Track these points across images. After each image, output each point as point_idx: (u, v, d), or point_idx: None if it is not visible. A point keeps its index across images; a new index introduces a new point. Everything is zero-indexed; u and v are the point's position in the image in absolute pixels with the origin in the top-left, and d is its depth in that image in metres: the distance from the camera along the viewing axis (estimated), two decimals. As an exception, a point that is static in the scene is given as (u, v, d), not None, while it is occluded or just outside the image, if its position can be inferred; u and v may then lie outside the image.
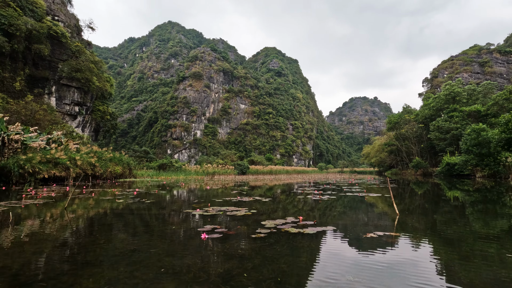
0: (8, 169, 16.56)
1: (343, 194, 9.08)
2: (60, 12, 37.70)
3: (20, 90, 30.01)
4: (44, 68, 33.00)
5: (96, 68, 38.24)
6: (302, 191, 10.45)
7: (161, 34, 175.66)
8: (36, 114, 27.78)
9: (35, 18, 31.99)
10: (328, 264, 2.30)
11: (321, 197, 7.85)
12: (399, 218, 4.51)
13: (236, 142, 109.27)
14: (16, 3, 30.13)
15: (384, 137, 63.93)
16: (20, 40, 28.73)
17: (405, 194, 9.92)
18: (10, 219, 4.15)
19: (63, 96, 34.43)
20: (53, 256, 2.49)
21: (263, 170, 49.44)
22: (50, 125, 28.15)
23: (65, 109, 34.88)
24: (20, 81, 29.51)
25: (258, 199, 7.39)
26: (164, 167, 35.62)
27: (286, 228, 3.56)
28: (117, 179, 24.51)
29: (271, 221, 4.05)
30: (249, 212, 4.94)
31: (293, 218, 4.28)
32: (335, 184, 15.22)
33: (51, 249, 2.70)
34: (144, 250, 2.65)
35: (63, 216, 4.70)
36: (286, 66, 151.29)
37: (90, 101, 38.28)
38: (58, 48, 33.97)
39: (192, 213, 4.88)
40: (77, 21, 42.99)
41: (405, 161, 48.67)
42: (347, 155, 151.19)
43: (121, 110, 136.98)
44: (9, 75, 28.77)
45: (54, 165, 19.11)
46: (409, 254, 2.60)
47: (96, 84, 36.92)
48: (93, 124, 40.63)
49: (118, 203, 6.62)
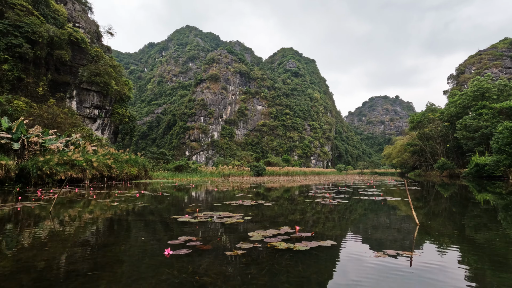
0: (28, 170, 16.95)
1: (357, 197, 8.25)
2: (81, 19, 38.97)
3: (43, 94, 31.12)
4: (65, 73, 34.11)
5: (114, 72, 39.15)
6: (313, 194, 9.70)
7: (180, 38, 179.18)
8: (58, 118, 28.57)
9: (57, 25, 33.16)
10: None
11: (331, 201, 7.09)
12: (419, 229, 3.74)
13: (253, 144, 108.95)
14: (39, 12, 31.34)
15: (406, 137, 61.16)
16: (43, 47, 29.81)
17: (429, 197, 8.99)
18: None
19: (83, 99, 35.45)
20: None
21: (279, 172, 48.63)
22: (71, 128, 28.91)
23: (85, 113, 35.88)
24: (43, 86, 30.60)
25: (261, 203, 6.76)
26: (181, 168, 35.81)
27: (274, 242, 2.92)
28: (132, 180, 24.71)
29: (261, 231, 3.41)
30: (241, 219, 4.33)
31: (289, 228, 3.62)
32: (352, 186, 14.26)
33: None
34: (82, 274, 2.11)
35: (36, 222, 4.32)
36: (303, 66, 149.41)
37: (109, 104, 39.22)
38: (79, 53, 35.03)
39: (178, 219, 4.34)
40: (97, 27, 44.32)
41: (429, 162, 46.10)
42: (367, 156, 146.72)
43: (142, 113, 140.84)
44: (33, 80, 29.90)
45: (71, 167, 19.40)
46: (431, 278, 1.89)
47: (115, 87, 37.75)
48: (112, 126, 41.61)
49: (109, 207, 6.23)
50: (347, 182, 19.59)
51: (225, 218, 4.34)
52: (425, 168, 47.64)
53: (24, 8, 29.06)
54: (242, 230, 3.58)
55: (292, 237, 3.16)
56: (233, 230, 3.55)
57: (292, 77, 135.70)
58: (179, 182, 22.57)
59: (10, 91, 27.84)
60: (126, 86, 43.75)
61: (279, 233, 3.36)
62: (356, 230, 3.71)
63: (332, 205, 6.48)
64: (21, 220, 4.46)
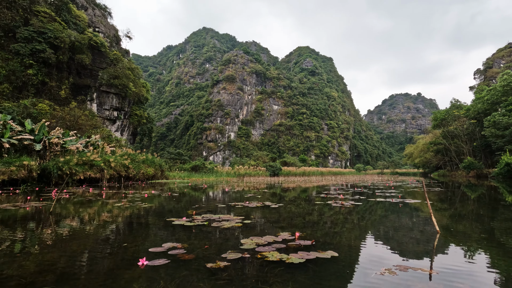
0: (49, 170, 17.52)
1: (372, 199, 7.70)
2: (101, 24, 40.20)
3: (65, 97, 32.30)
4: (86, 76, 35.29)
5: (132, 75, 40.08)
6: (326, 195, 9.21)
7: (196, 40, 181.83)
8: (79, 120, 29.49)
9: (78, 30, 34.35)
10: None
11: (343, 203, 6.61)
12: (441, 237, 3.25)
13: (269, 144, 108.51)
14: (61, 18, 32.58)
15: (429, 136, 58.52)
16: (65, 51, 30.95)
17: (455, 198, 8.30)
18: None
19: (103, 102, 36.52)
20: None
21: (295, 172, 47.96)
22: (91, 129, 29.80)
23: (105, 114, 36.94)
24: (65, 89, 31.77)
25: (268, 204, 6.41)
26: (197, 168, 36.15)
27: (267, 252, 2.56)
28: (149, 180, 25.07)
29: (257, 238, 3.07)
30: (240, 223, 4.00)
31: (289, 235, 3.25)
32: (369, 187, 13.58)
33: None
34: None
35: (34, 222, 4.20)
36: (320, 64, 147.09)
37: (127, 106, 40.20)
38: (98, 57, 36.14)
39: (173, 222, 4.08)
40: (116, 31, 45.60)
41: (454, 162, 43.76)
42: (388, 156, 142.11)
43: (160, 114, 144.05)
44: (56, 84, 31.11)
45: (90, 167, 19.87)
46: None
47: (133, 89, 38.62)
48: (131, 127, 42.63)
49: (111, 207, 6.10)
50: (365, 183, 18.79)
51: (223, 222, 4.03)
52: (450, 168, 45.28)
53: (47, 15, 30.28)
54: (237, 236, 3.25)
55: (289, 245, 2.79)
56: (226, 236, 3.24)
57: (309, 76, 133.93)
58: (194, 182, 22.61)
59: (35, 95, 29.08)
60: (144, 88, 44.68)
61: (276, 240, 3.00)
62: (364, 239, 3.28)
63: (344, 207, 6.02)
64: (19, 220, 4.38)
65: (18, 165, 16.16)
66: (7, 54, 27.07)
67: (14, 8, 28.02)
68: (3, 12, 26.88)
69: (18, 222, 4.24)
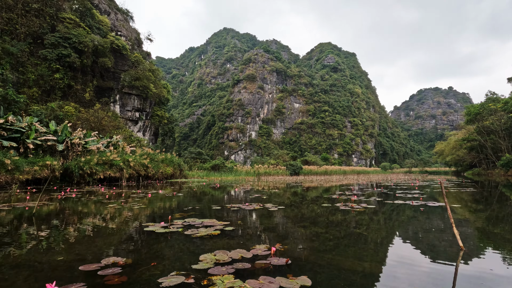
0: (71, 170, 18.08)
1: (390, 202, 6.84)
2: (123, 27, 41.44)
3: (89, 100, 33.55)
4: (109, 79, 36.48)
5: (153, 76, 40.91)
6: (338, 196, 8.43)
7: (217, 41, 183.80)
8: (102, 121, 30.47)
9: (101, 34, 35.56)
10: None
11: (353, 205, 5.85)
12: (464, 257, 2.51)
13: (290, 142, 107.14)
14: (85, 23, 33.87)
15: (462, 132, 54.62)
16: (88, 55, 32.14)
17: (491, 199, 7.23)
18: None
19: (125, 103, 37.58)
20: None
21: (316, 171, 46.67)
22: (114, 130, 30.70)
23: (127, 115, 38.00)
24: (89, 92, 33.00)
25: (268, 207, 5.81)
26: (217, 168, 36.34)
27: (221, 274, 1.99)
28: (168, 179, 25.31)
29: (222, 252, 2.50)
30: (219, 230, 3.46)
31: (265, 248, 2.65)
32: (391, 187, 12.50)
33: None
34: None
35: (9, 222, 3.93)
36: (343, 60, 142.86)
37: (149, 107, 41.12)
38: (120, 60, 37.23)
39: (145, 228, 3.62)
40: (138, 34, 46.87)
41: (490, 159, 40.33)
42: (416, 154, 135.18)
43: (183, 115, 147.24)
44: (81, 87, 32.41)
45: (110, 167, 20.27)
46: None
47: (153, 90, 39.41)
48: (152, 128, 43.59)
49: (99, 209, 5.80)
50: (388, 182, 17.55)
51: (201, 229, 3.51)
52: (486, 166, 41.81)
53: (72, 21, 31.58)
54: (202, 248, 2.71)
55: (256, 265, 2.20)
56: (190, 249, 2.70)
57: (331, 73, 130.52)
58: (212, 181, 22.51)
59: (61, 98, 30.41)
60: (165, 89, 45.51)
61: (244, 256, 2.42)
62: (359, 257, 2.58)
63: (354, 210, 5.29)
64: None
65: (42, 165, 16.73)
66: (36, 60, 28.54)
67: (42, 16, 29.48)
68: (31, 20, 28.36)
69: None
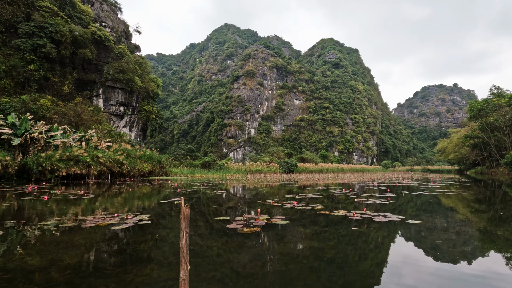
0: (29, 166, 16.58)
1: (326, 212, 5.12)
2: (108, 18, 39.82)
3: (69, 93, 32.05)
4: (91, 71, 34.97)
5: (139, 69, 39.30)
6: (272, 202, 6.73)
7: (218, 37, 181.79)
8: (82, 115, 28.95)
9: (82, 25, 34.00)
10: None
11: (256, 222, 4.15)
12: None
13: (290, 140, 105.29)
14: (65, 13, 32.32)
15: (465, 129, 52.41)
16: (67, 46, 30.59)
17: (494, 199, 5.89)
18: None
19: (109, 97, 36.06)
20: None
21: (312, 169, 44.90)
22: (95, 125, 29.21)
23: (111, 110, 36.49)
24: (68, 85, 31.49)
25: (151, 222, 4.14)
26: (208, 165, 35.10)
27: None
28: (145, 177, 23.86)
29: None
30: None
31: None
32: (369, 188, 10.78)
33: None
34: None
35: None
36: (345, 56, 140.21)
37: (135, 102, 39.56)
38: (104, 52, 35.67)
39: None
40: (126, 27, 45.24)
41: (494, 157, 38.22)
42: (419, 152, 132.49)
43: (183, 112, 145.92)
44: (59, 79, 30.90)
45: (76, 163, 18.73)
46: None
47: (139, 84, 37.81)
48: (140, 123, 42.08)
49: (33, 210, 4.18)
50: (375, 181, 15.81)
51: None
52: (490, 164, 39.70)
53: (50, 10, 30.03)
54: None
55: None
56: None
57: (332, 69, 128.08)
58: (194, 179, 21.15)
59: (38, 91, 28.94)
60: (154, 83, 43.91)
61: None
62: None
63: (257, 230, 3.61)
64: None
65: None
66: (9, 50, 27.07)
67: (16, 4, 27.97)
68: (4, 8, 26.84)
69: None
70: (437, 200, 6.38)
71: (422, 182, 14.60)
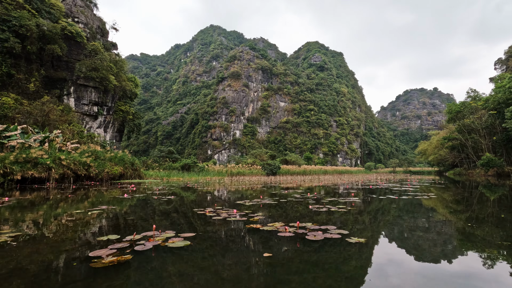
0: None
1: (269, 225, 4.32)
2: (81, 14, 37.96)
3: (36, 91, 30.03)
4: (62, 69, 33.05)
5: (115, 68, 37.58)
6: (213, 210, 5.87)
7: (204, 38, 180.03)
8: (50, 115, 27.08)
9: (52, 19, 32.13)
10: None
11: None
12: None
13: (275, 142, 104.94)
14: (32, 6, 30.41)
15: (444, 131, 53.49)
16: (33, 41, 28.69)
17: (472, 200, 5.18)
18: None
19: (81, 96, 34.19)
20: None
21: (295, 171, 44.34)
22: (62, 125, 27.41)
23: (84, 110, 34.62)
24: (35, 82, 29.51)
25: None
26: (187, 167, 33.74)
27: None
28: (115, 180, 22.35)
29: None
30: None
31: None
32: (335, 191, 10.11)
33: None
34: None
35: None
36: (330, 59, 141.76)
37: (110, 101, 37.75)
38: (75, 48, 33.83)
39: None
40: (102, 24, 43.32)
41: (471, 159, 38.92)
42: (402, 153, 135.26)
43: (167, 113, 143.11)
44: (24, 76, 28.91)
45: (34, 165, 17.15)
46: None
47: (114, 83, 36.11)
48: (116, 124, 40.22)
49: None
50: (351, 184, 15.24)
51: None
52: (467, 165, 40.41)
53: (14, 2, 28.11)
54: None
55: None
56: None
57: (317, 72, 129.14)
58: (171, 182, 19.99)
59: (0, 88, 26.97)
60: (131, 83, 42.21)
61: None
62: None
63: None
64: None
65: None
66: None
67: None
68: (-39, -1, 24.87)
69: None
70: (401, 206, 5.72)
71: (397, 184, 14.13)
